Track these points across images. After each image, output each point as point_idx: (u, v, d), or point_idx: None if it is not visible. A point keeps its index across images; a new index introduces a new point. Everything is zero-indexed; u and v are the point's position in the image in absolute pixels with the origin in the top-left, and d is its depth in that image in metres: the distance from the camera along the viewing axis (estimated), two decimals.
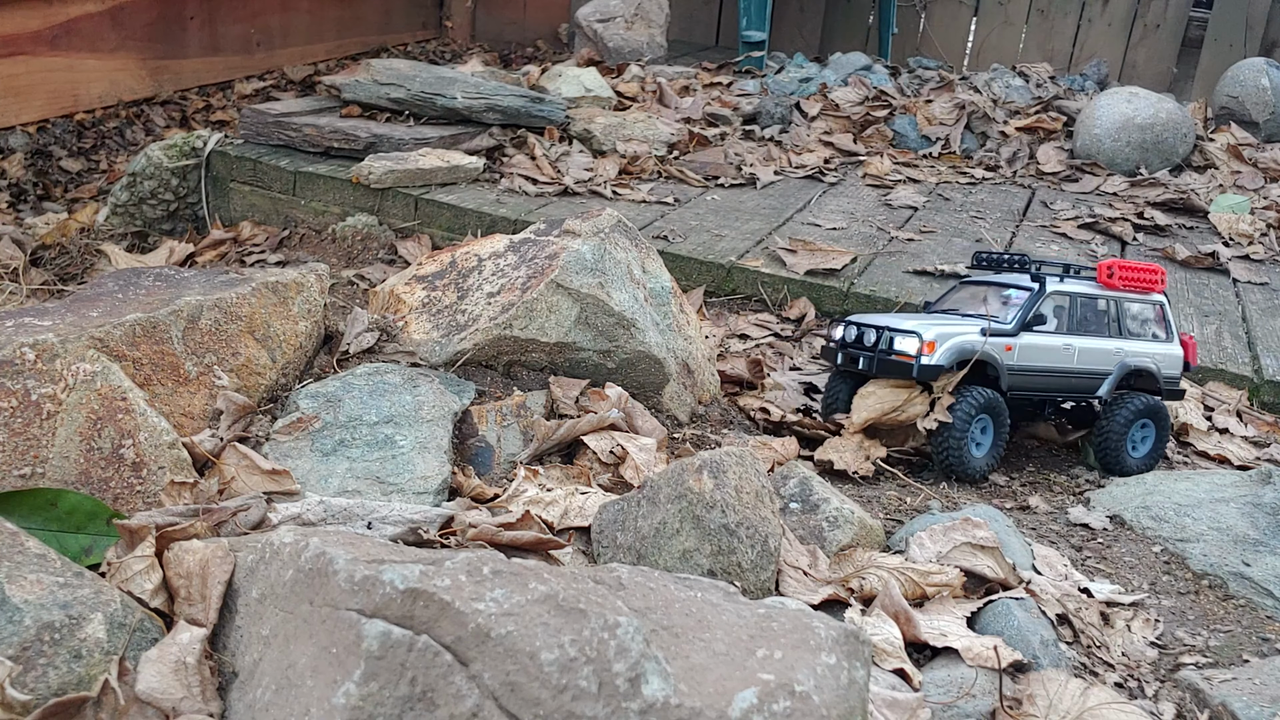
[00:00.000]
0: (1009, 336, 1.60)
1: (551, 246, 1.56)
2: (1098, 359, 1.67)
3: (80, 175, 3.15)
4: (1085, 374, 1.66)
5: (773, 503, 1.21)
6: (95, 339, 1.20)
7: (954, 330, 1.58)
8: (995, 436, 1.62)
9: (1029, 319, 1.62)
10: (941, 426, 1.57)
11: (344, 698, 0.71)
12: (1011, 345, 1.60)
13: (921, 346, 1.56)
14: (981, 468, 1.61)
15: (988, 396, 1.59)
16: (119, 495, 1.10)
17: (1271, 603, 1.30)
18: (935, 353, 1.56)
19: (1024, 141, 3.41)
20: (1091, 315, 1.68)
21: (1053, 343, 1.63)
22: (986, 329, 1.58)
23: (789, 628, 0.82)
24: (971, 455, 1.59)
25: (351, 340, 1.52)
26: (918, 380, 1.59)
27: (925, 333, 1.56)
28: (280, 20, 4.19)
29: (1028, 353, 1.62)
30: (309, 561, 0.80)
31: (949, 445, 1.58)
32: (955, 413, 1.56)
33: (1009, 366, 1.60)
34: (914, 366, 1.56)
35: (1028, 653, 1.12)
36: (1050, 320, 1.65)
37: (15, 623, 0.79)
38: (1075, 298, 1.66)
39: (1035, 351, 1.62)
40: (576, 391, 1.50)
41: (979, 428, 1.61)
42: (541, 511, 1.23)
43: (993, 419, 1.61)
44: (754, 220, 2.55)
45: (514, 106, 2.87)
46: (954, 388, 1.58)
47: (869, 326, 1.63)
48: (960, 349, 1.57)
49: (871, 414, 1.62)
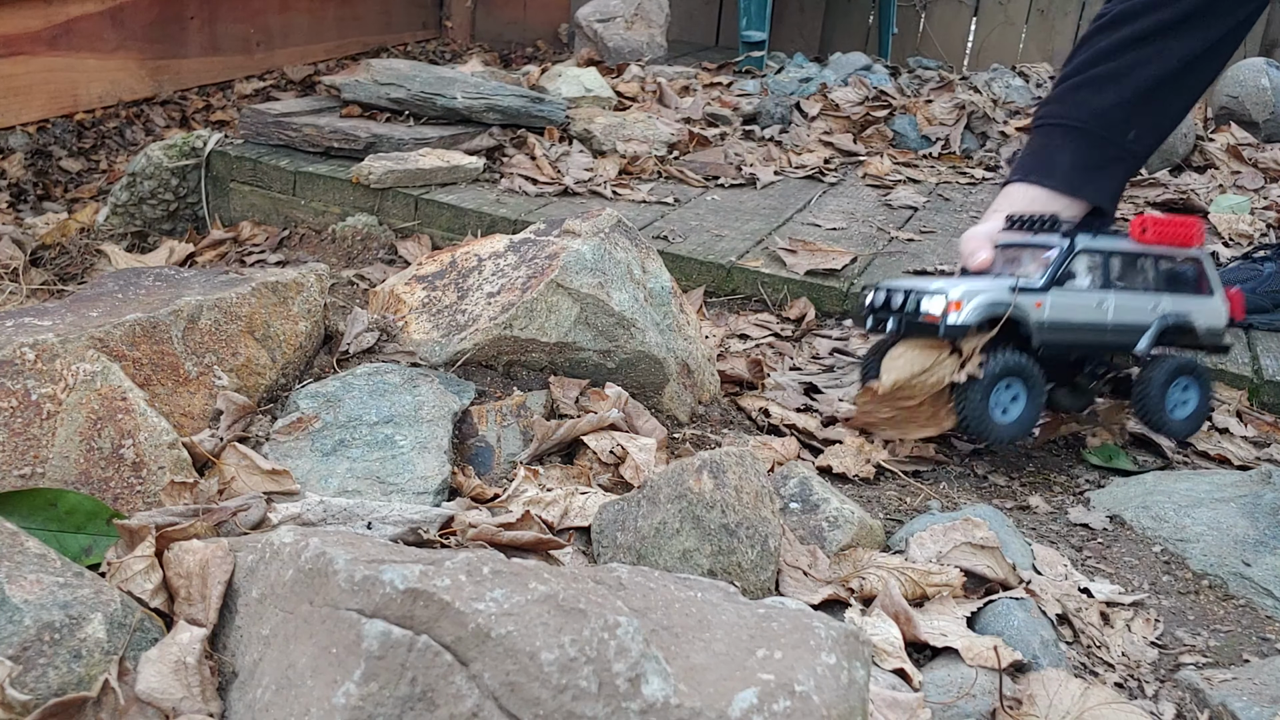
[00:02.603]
0: (1038, 293, 1.55)
1: (551, 246, 1.56)
2: (1134, 314, 1.62)
3: (80, 175, 3.15)
4: (1121, 328, 1.61)
5: (773, 503, 1.21)
6: (95, 339, 1.20)
7: (982, 288, 1.54)
8: (1028, 405, 1.58)
9: (1059, 275, 1.57)
10: (966, 383, 1.54)
11: (344, 697, 0.71)
12: (1041, 302, 1.55)
13: (948, 305, 1.52)
14: (1005, 435, 1.56)
15: (1019, 360, 1.55)
16: (119, 495, 1.10)
17: (1271, 603, 1.30)
18: (962, 311, 1.52)
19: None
20: (1127, 271, 1.63)
21: (1085, 299, 1.58)
22: (1015, 286, 1.55)
23: (789, 628, 0.82)
24: (995, 419, 1.55)
25: (351, 340, 1.52)
26: (945, 339, 1.55)
27: (951, 291, 1.53)
28: (280, 20, 4.19)
29: (1059, 309, 1.56)
30: (309, 561, 0.80)
31: (970, 402, 1.54)
32: (982, 369, 1.52)
33: (1040, 323, 1.56)
34: (940, 326, 1.52)
35: (1028, 653, 1.12)
36: (1083, 276, 1.60)
37: (15, 623, 0.79)
38: (1108, 254, 1.61)
39: (1067, 307, 1.57)
40: (576, 391, 1.50)
41: (1009, 394, 1.56)
42: (541, 511, 1.23)
43: (1025, 386, 1.57)
44: (754, 220, 2.55)
45: (514, 106, 2.87)
46: (984, 348, 1.54)
47: (898, 290, 1.60)
48: (987, 306, 1.53)
49: (901, 375, 1.58)
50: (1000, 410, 1.56)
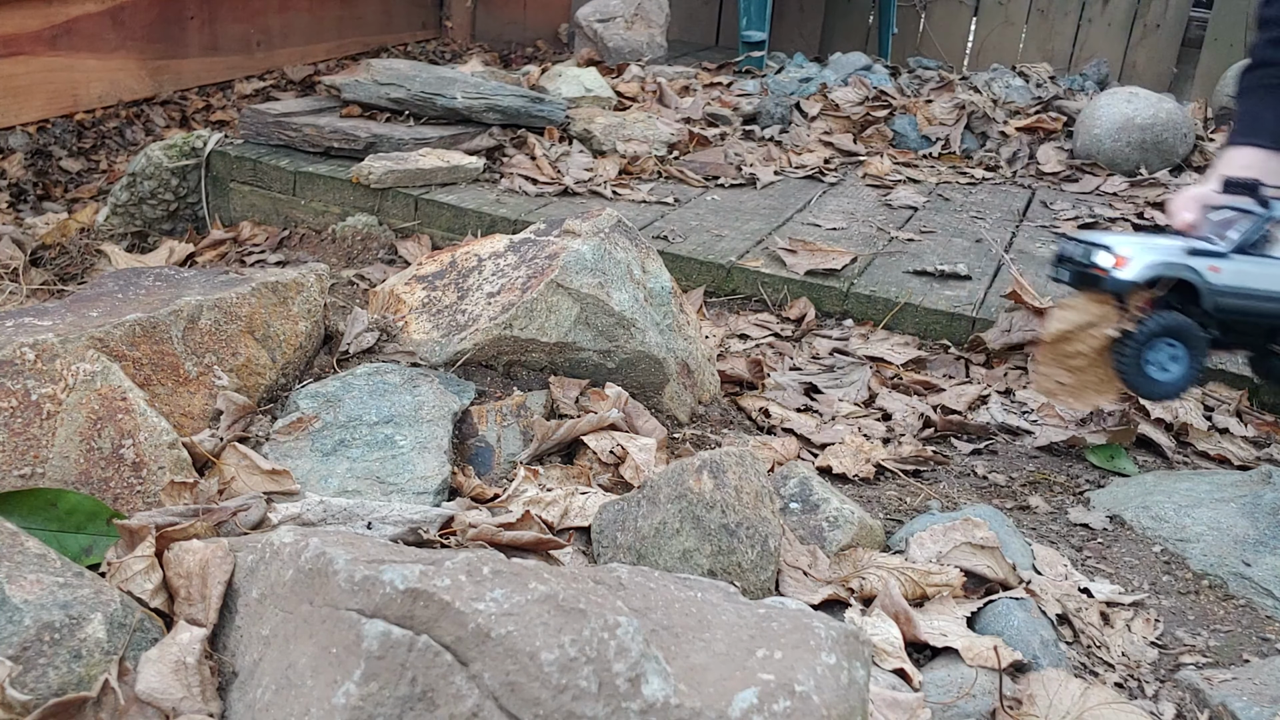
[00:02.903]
0: (1218, 257, 1.54)
1: (551, 246, 1.56)
2: None
3: (80, 175, 3.15)
4: None
5: (773, 503, 1.21)
6: (95, 339, 1.20)
7: (1156, 246, 1.54)
8: (1189, 365, 1.56)
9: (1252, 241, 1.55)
10: (1122, 338, 1.54)
11: (344, 698, 0.71)
12: (1219, 267, 1.54)
13: (1115, 260, 1.52)
14: (1163, 394, 1.56)
15: (1179, 322, 1.54)
16: (119, 495, 1.10)
17: (1271, 603, 1.30)
18: (1126, 267, 1.51)
19: (1024, 141, 3.41)
20: None
21: (1272, 268, 1.55)
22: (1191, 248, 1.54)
23: (789, 628, 0.82)
24: (1151, 377, 1.55)
25: (351, 340, 1.52)
26: (1109, 292, 1.54)
27: (1119, 247, 1.53)
28: (280, 20, 4.19)
29: (1239, 275, 1.54)
30: (309, 561, 0.80)
31: (1124, 359, 1.54)
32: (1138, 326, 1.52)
33: (1214, 287, 1.54)
34: (1105, 279, 1.52)
35: (1028, 653, 1.12)
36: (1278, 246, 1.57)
37: (15, 623, 0.79)
38: None
39: (1250, 275, 1.55)
40: (576, 391, 1.50)
41: (1168, 354, 1.56)
42: (541, 511, 1.23)
43: (1186, 347, 1.55)
44: (754, 220, 2.55)
45: (514, 106, 2.87)
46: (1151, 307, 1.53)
47: (1080, 241, 1.60)
48: (1155, 266, 1.52)
49: (1065, 325, 1.58)
50: (1158, 369, 1.55)
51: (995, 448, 1.75)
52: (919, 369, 2.01)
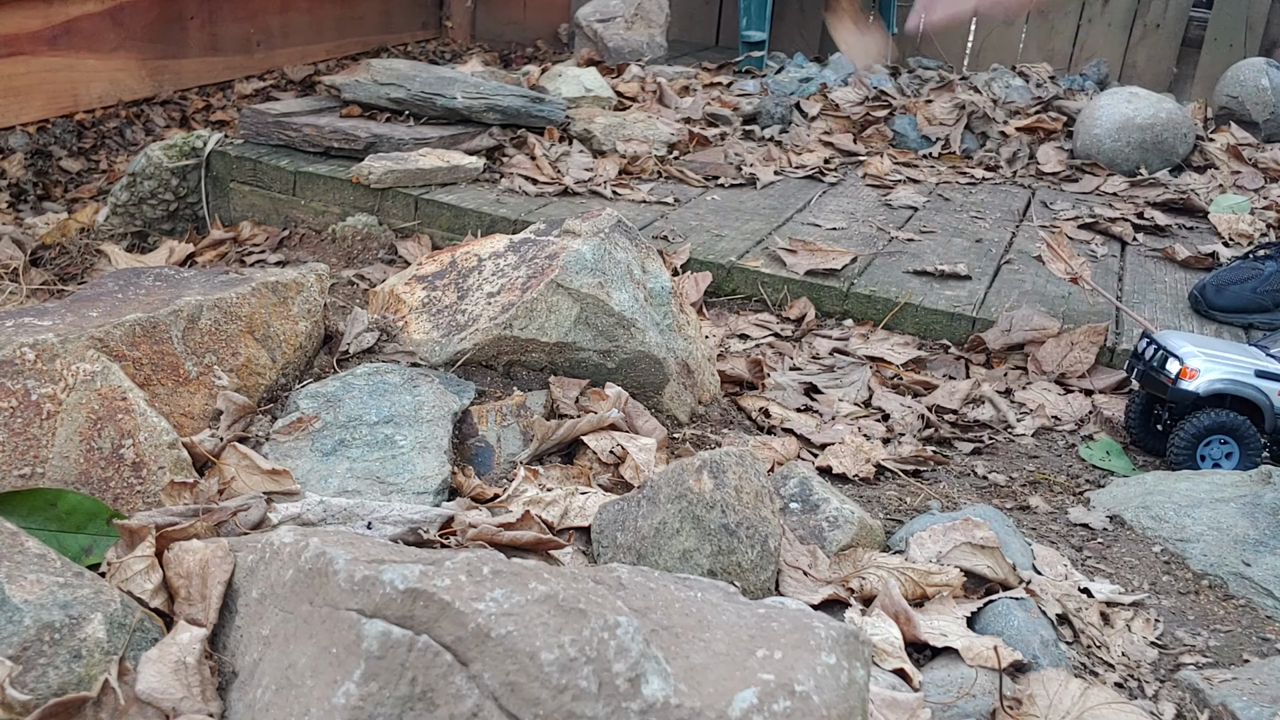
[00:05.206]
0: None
1: (551, 246, 1.56)
2: None
3: (80, 175, 3.15)
4: None
5: (773, 503, 1.21)
6: (95, 339, 1.20)
7: (1225, 361, 1.58)
8: (1242, 459, 1.62)
9: None
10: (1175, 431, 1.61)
11: (344, 697, 0.71)
12: None
13: (1182, 370, 1.58)
14: None
15: (1228, 419, 1.59)
16: (119, 495, 1.10)
17: (1271, 603, 1.30)
18: (1194, 380, 1.58)
19: (1024, 141, 3.41)
20: None
21: None
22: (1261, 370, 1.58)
23: (789, 628, 0.82)
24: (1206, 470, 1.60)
25: (351, 340, 1.52)
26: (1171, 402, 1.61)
27: (1190, 359, 1.58)
28: (280, 20, 4.19)
29: None
30: (309, 561, 0.80)
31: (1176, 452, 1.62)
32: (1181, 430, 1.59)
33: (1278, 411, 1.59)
34: (1171, 389, 1.58)
35: (1028, 653, 1.12)
36: None
37: (15, 623, 0.79)
38: None
39: None
40: (576, 391, 1.50)
41: (1222, 450, 1.61)
42: (541, 511, 1.23)
43: (1238, 442, 1.61)
44: (754, 220, 2.55)
45: (514, 106, 2.87)
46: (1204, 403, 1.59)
47: (1154, 343, 1.66)
48: (1220, 384, 1.58)
49: None
50: (1210, 465, 1.61)
51: (995, 448, 1.75)
52: (919, 369, 2.01)
